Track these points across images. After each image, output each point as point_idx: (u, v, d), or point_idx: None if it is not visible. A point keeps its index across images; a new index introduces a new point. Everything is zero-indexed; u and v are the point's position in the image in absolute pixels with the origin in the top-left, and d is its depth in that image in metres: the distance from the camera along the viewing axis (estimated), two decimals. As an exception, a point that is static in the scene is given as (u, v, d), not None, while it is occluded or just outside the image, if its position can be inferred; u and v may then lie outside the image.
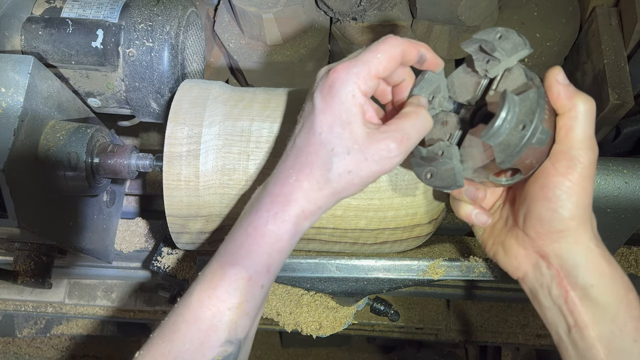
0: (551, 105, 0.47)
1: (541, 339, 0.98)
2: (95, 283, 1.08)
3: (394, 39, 0.47)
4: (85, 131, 0.63)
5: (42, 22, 0.67)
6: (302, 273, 0.69)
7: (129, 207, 0.91)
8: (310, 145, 0.46)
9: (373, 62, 0.45)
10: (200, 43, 0.78)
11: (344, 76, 0.44)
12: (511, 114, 0.45)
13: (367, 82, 0.45)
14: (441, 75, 0.52)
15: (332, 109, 0.45)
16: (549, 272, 0.50)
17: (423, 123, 0.47)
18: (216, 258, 0.48)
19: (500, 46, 0.48)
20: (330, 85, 0.45)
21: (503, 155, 0.46)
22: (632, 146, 1.07)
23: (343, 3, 0.94)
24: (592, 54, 0.99)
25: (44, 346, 1.45)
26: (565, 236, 0.48)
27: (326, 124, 0.45)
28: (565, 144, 0.46)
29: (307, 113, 0.47)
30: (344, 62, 0.46)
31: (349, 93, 0.44)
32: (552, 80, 0.47)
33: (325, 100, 0.45)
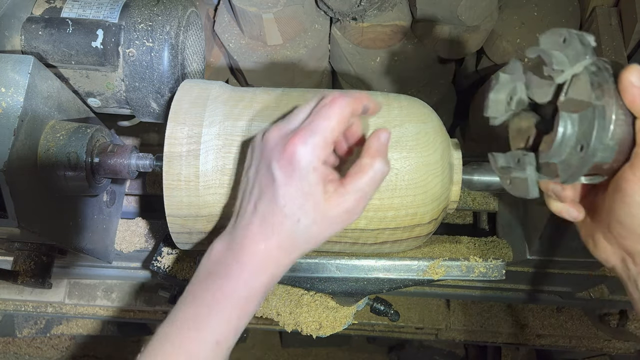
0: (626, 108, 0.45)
1: (541, 339, 0.98)
2: (95, 283, 1.08)
3: (340, 100, 0.48)
4: (85, 131, 0.63)
5: (42, 22, 0.67)
6: (302, 273, 0.69)
7: (129, 207, 0.91)
8: (275, 215, 0.48)
9: (327, 130, 0.47)
10: (200, 43, 0.78)
11: (302, 150, 0.46)
12: (568, 135, 0.45)
13: (325, 150, 0.47)
14: (518, 73, 0.50)
15: (294, 181, 0.47)
16: (635, 268, 0.49)
17: (380, 174, 0.49)
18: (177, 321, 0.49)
19: (560, 55, 0.46)
20: (289, 158, 0.47)
21: (565, 175, 0.46)
22: (632, 146, 1.07)
23: (343, 3, 0.94)
24: (592, 54, 0.99)
25: (44, 346, 1.45)
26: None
27: (289, 196, 0.47)
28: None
29: (266, 181, 0.48)
30: (298, 132, 0.47)
31: (309, 166, 0.47)
32: (625, 83, 0.44)
33: (286, 173, 0.47)
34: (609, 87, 0.44)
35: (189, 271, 0.76)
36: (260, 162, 0.50)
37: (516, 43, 1.04)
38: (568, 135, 0.45)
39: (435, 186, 0.59)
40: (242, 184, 0.52)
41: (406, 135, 0.59)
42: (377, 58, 1.04)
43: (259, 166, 0.50)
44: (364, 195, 0.48)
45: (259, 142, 0.51)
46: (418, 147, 0.58)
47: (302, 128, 0.48)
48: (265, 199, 0.48)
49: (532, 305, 0.97)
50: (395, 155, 0.58)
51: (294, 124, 0.50)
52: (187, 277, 0.76)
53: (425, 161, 0.58)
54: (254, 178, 0.50)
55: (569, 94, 0.46)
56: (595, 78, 0.44)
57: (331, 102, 0.48)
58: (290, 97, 0.62)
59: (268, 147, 0.49)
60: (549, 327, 0.97)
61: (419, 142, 0.59)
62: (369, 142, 0.50)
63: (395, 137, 0.58)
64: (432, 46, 1.04)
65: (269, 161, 0.48)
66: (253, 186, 0.50)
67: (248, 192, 0.51)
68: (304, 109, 0.51)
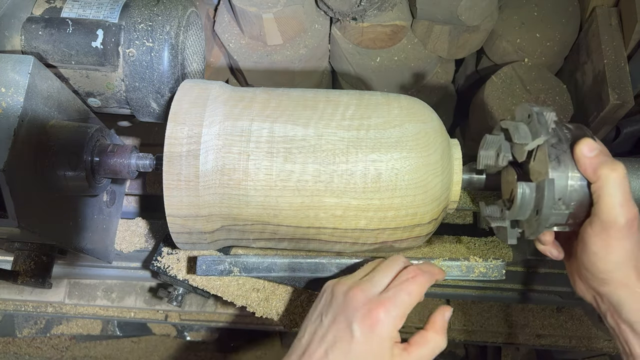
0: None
1: (541, 339, 0.98)
2: (95, 283, 1.08)
3: (422, 278, 0.56)
4: (85, 131, 0.63)
5: (42, 22, 0.67)
6: (302, 273, 0.69)
7: (129, 207, 0.91)
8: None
9: (407, 305, 0.54)
10: (200, 43, 0.78)
11: (385, 319, 0.52)
12: (527, 200, 0.53)
13: (402, 321, 0.54)
14: (501, 136, 0.59)
15: (371, 345, 0.52)
16: (603, 306, 0.55)
17: (439, 349, 0.55)
18: None
19: (525, 129, 0.54)
20: (372, 324, 0.52)
21: (528, 232, 0.55)
22: (632, 146, 1.07)
23: (343, 3, 0.94)
24: (592, 54, 0.99)
25: (44, 346, 1.45)
26: (607, 283, 0.53)
27: (362, 356, 0.52)
28: (597, 208, 0.51)
29: (343, 334, 0.53)
30: (384, 303, 0.53)
31: (389, 334, 0.52)
32: (578, 155, 0.52)
33: (366, 336, 0.52)
34: (565, 157, 0.52)
35: (189, 271, 0.76)
36: (340, 314, 0.54)
37: (516, 43, 1.04)
38: (527, 200, 0.53)
39: (435, 186, 0.59)
40: (314, 324, 0.56)
41: (406, 135, 0.59)
42: (377, 58, 1.04)
43: (337, 317, 0.54)
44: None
45: (341, 295, 0.56)
46: (418, 147, 0.58)
47: (387, 299, 0.54)
48: (337, 350, 0.53)
49: (532, 305, 0.97)
50: (395, 155, 0.58)
51: (378, 289, 0.56)
52: (187, 277, 0.76)
53: (425, 161, 0.58)
54: (330, 326, 0.54)
55: (535, 160, 0.55)
56: (554, 150, 0.52)
57: (414, 279, 0.56)
58: (290, 97, 0.62)
59: (352, 305, 0.54)
60: (549, 327, 0.96)
61: (419, 142, 0.59)
62: (435, 318, 0.57)
63: (395, 137, 0.58)
64: (432, 46, 1.04)
65: (350, 318, 0.53)
66: (327, 332, 0.54)
67: (320, 335, 0.54)
68: (386, 272, 0.57)
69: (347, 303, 0.54)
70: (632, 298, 0.52)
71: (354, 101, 0.62)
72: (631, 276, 0.51)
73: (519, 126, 0.54)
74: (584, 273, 0.55)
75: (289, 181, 0.58)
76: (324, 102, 0.61)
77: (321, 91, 0.64)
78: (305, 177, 0.58)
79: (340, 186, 0.58)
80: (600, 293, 0.55)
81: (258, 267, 0.69)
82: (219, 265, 0.69)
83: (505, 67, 1.00)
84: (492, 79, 0.99)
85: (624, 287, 0.52)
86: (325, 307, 0.56)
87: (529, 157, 0.56)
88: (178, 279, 0.76)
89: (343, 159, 0.58)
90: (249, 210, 0.59)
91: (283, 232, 0.62)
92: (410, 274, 0.57)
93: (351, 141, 0.58)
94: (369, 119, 0.59)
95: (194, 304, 1.08)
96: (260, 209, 0.59)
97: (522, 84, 0.98)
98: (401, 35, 1.03)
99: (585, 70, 1.02)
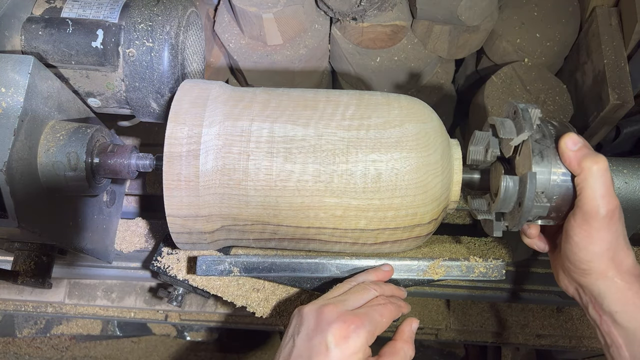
0: None
1: (541, 339, 0.98)
2: (95, 283, 1.08)
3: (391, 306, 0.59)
4: (85, 131, 0.63)
5: (42, 22, 0.67)
6: (302, 273, 0.69)
7: (129, 207, 0.91)
8: None
9: (379, 325, 0.57)
10: (200, 43, 0.78)
11: (360, 332, 0.54)
12: (510, 193, 0.55)
13: (373, 338, 0.56)
14: (489, 133, 0.61)
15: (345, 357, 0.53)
16: (585, 297, 0.57)
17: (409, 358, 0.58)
18: None
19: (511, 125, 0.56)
20: (346, 336, 0.54)
21: (511, 224, 0.57)
22: (632, 146, 1.07)
23: (343, 3, 0.94)
24: (592, 54, 0.99)
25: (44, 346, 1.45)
26: (589, 273, 0.55)
27: None
28: (580, 200, 0.53)
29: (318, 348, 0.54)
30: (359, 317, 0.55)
31: (361, 347, 0.54)
32: (562, 148, 0.54)
33: (341, 348, 0.53)
34: (549, 152, 0.54)
35: (189, 271, 0.76)
36: (313, 331, 0.55)
37: (516, 43, 1.04)
38: (510, 193, 0.55)
39: (435, 186, 0.59)
40: (287, 347, 0.57)
41: (406, 135, 0.59)
42: (377, 58, 1.04)
43: (310, 334, 0.55)
44: None
45: (312, 313, 0.57)
46: (418, 147, 0.58)
47: (361, 314, 0.56)
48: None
49: (532, 305, 0.97)
50: (395, 155, 0.58)
51: (349, 308, 0.58)
52: (187, 277, 0.76)
53: (425, 161, 0.58)
54: (304, 344, 0.55)
55: (520, 155, 0.57)
56: (538, 145, 0.55)
57: (384, 305, 0.59)
58: (290, 97, 0.62)
59: (325, 320, 0.55)
60: (549, 327, 0.97)
61: (419, 142, 0.59)
62: (403, 328, 0.60)
63: (395, 137, 0.58)
64: (432, 46, 1.04)
65: (325, 332, 0.54)
66: (302, 351, 0.55)
67: (296, 355, 0.55)
68: (359, 296, 0.60)
69: (320, 319, 0.56)
70: (612, 288, 0.54)
71: (354, 101, 0.62)
72: (610, 267, 0.54)
73: (504, 122, 0.57)
74: (566, 265, 0.57)
75: (289, 181, 0.58)
76: (324, 102, 0.61)
77: (321, 91, 0.64)
78: (305, 177, 0.58)
79: (340, 186, 0.58)
80: (581, 284, 0.56)
81: (258, 267, 0.69)
82: (219, 265, 0.69)
83: (505, 67, 1.00)
84: (492, 79, 0.99)
85: (603, 277, 0.54)
86: (297, 328, 0.57)
87: (515, 153, 0.58)
88: (178, 279, 0.76)
89: (343, 159, 0.58)
90: (249, 211, 0.59)
91: (283, 232, 0.62)
92: (382, 301, 0.59)
93: (351, 141, 0.58)
94: (369, 119, 0.59)
95: (194, 304, 1.08)
96: (260, 209, 0.59)
97: (522, 84, 0.98)
98: (401, 35, 1.03)
99: (585, 70, 1.02)
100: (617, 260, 0.54)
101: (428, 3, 0.94)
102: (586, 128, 1.01)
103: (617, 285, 0.54)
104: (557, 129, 0.57)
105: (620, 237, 0.53)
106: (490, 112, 0.97)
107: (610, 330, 0.55)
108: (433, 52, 1.06)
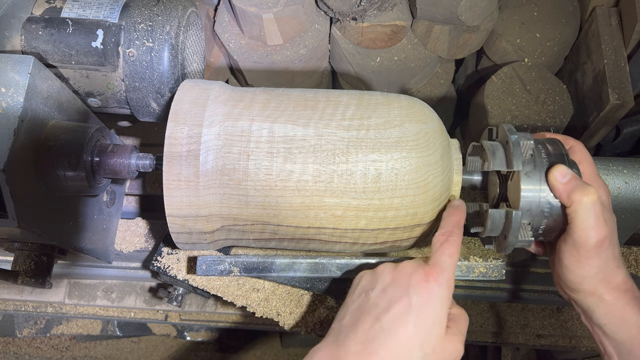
0: None
1: (541, 339, 0.98)
2: (95, 283, 1.08)
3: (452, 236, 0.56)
4: (85, 131, 0.63)
5: (42, 22, 0.67)
6: (302, 273, 0.69)
7: (129, 207, 0.91)
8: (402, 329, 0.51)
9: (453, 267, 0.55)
10: (200, 43, 0.78)
11: (441, 280, 0.53)
12: (497, 225, 0.57)
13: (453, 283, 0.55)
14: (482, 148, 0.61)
15: (429, 307, 0.52)
16: (577, 308, 0.60)
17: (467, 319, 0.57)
18: None
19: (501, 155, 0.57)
20: (429, 287, 0.52)
21: (499, 249, 0.59)
22: (632, 146, 1.07)
23: (343, 3, 0.95)
24: (592, 54, 0.99)
25: (44, 346, 1.45)
26: (579, 291, 0.57)
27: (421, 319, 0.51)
28: (571, 228, 0.54)
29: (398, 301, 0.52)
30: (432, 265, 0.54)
31: (445, 296, 0.53)
32: (552, 181, 0.55)
33: (425, 299, 0.52)
34: (538, 185, 0.55)
35: (189, 271, 0.76)
36: (390, 285, 0.54)
37: (516, 43, 1.04)
38: (497, 225, 0.57)
39: (435, 186, 0.59)
40: (356, 302, 0.55)
41: (406, 135, 0.59)
42: (377, 58, 1.04)
43: (387, 288, 0.54)
44: (463, 339, 0.54)
45: (388, 269, 0.56)
46: (418, 147, 0.58)
47: (434, 265, 0.54)
48: (392, 315, 0.52)
49: (532, 305, 0.97)
50: (395, 156, 0.58)
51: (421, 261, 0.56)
52: (187, 277, 0.76)
53: (425, 161, 0.58)
54: (379, 297, 0.54)
55: (512, 182, 0.57)
56: (527, 179, 0.55)
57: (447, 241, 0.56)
58: (290, 97, 0.62)
59: (403, 272, 0.55)
60: (549, 327, 0.97)
61: (419, 142, 0.59)
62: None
63: (395, 137, 0.58)
64: (432, 46, 1.04)
65: (405, 285, 0.53)
66: (377, 303, 0.53)
67: (368, 308, 0.53)
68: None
69: (399, 273, 0.54)
70: (601, 305, 0.56)
71: (354, 101, 0.62)
72: (599, 287, 0.56)
73: (496, 152, 0.57)
74: (558, 280, 0.59)
75: (289, 181, 0.58)
76: (324, 102, 0.61)
77: (321, 91, 0.64)
78: (305, 177, 0.58)
79: (340, 186, 0.58)
80: (572, 298, 0.59)
81: (258, 267, 0.69)
82: (219, 265, 0.69)
83: (505, 67, 1.00)
84: (492, 79, 0.99)
85: (592, 295, 0.56)
86: (370, 284, 0.56)
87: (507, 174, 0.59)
88: (178, 279, 0.76)
89: (343, 159, 0.58)
90: (249, 211, 0.59)
91: (283, 232, 0.62)
92: (442, 237, 0.56)
93: (351, 141, 0.58)
94: (369, 119, 0.59)
95: (194, 304, 1.08)
96: (260, 209, 0.59)
97: (522, 84, 0.98)
98: (401, 35, 1.03)
99: (585, 70, 1.02)
100: (607, 279, 0.55)
101: (428, 3, 0.94)
102: (586, 128, 1.01)
103: (605, 301, 0.56)
104: (550, 156, 0.57)
105: (610, 261, 0.54)
106: (490, 112, 0.97)
107: (601, 340, 0.58)
108: (433, 52, 1.06)
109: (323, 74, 1.13)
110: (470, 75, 1.23)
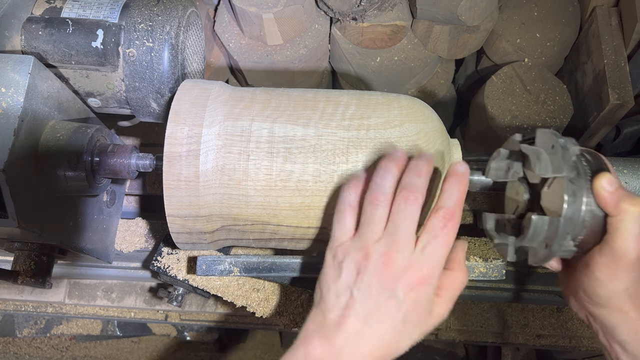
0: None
1: (541, 339, 0.98)
2: (95, 283, 1.08)
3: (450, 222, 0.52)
4: (85, 131, 0.63)
5: (42, 22, 0.67)
6: (302, 273, 0.69)
7: (129, 207, 0.91)
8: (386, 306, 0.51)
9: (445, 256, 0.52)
10: (200, 43, 0.78)
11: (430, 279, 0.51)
12: (538, 232, 0.53)
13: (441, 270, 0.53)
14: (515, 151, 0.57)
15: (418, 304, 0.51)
16: (595, 325, 0.58)
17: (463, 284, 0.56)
18: None
19: (546, 160, 0.52)
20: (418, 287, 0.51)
21: (532, 260, 0.55)
22: (632, 146, 1.07)
23: (343, 3, 0.95)
24: (592, 54, 0.99)
25: (44, 346, 1.45)
26: (605, 306, 0.55)
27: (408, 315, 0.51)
28: (611, 238, 0.52)
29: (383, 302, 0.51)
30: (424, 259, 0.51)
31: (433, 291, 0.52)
32: (598, 189, 0.52)
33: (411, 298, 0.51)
34: (581, 193, 0.52)
35: (189, 271, 0.76)
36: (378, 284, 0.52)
37: (516, 43, 1.04)
38: (539, 232, 0.53)
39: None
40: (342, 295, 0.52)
41: (406, 135, 0.59)
42: (377, 58, 1.04)
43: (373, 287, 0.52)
44: (452, 303, 0.54)
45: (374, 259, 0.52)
46: (418, 147, 0.58)
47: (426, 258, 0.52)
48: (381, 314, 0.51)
49: (532, 305, 0.97)
50: (395, 155, 0.58)
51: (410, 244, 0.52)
52: (187, 277, 0.76)
53: (426, 161, 0.58)
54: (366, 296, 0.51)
55: (549, 188, 0.54)
56: (572, 186, 0.52)
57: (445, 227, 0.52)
58: (290, 97, 0.62)
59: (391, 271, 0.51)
60: (549, 327, 0.96)
61: (419, 142, 0.59)
62: (457, 254, 0.56)
63: (396, 137, 0.58)
64: (432, 46, 1.04)
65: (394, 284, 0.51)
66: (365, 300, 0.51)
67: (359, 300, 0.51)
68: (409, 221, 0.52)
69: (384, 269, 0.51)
70: (626, 322, 0.54)
71: (354, 101, 0.62)
72: (626, 303, 0.54)
73: (540, 156, 0.53)
74: (580, 294, 0.57)
75: (289, 181, 0.58)
76: (324, 102, 0.61)
77: (321, 91, 0.64)
78: (305, 177, 0.58)
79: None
80: (593, 314, 0.57)
81: (258, 267, 0.69)
82: (219, 265, 0.69)
83: (505, 67, 1.00)
84: (492, 79, 0.99)
85: (618, 311, 0.54)
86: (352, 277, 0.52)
87: (542, 182, 0.55)
88: (178, 279, 0.76)
89: (343, 159, 0.58)
90: (249, 210, 0.59)
91: (283, 232, 0.62)
92: (440, 222, 0.52)
93: (351, 141, 0.58)
94: (369, 119, 0.59)
95: (194, 304, 1.08)
96: (260, 209, 0.59)
97: (522, 84, 0.98)
98: (401, 35, 1.03)
99: (585, 70, 1.02)
100: (635, 295, 0.53)
101: (428, 3, 0.94)
102: (586, 128, 1.01)
103: (630, 318, 0.54)
104: (591, 164, 0.54)
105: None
106: (490, 112, 0.97)
107: (619, 357, 0.56)
108: (433, 52, 1.06)
109: (323, 74, 1.13)
110: (470, 75, 1.23)
